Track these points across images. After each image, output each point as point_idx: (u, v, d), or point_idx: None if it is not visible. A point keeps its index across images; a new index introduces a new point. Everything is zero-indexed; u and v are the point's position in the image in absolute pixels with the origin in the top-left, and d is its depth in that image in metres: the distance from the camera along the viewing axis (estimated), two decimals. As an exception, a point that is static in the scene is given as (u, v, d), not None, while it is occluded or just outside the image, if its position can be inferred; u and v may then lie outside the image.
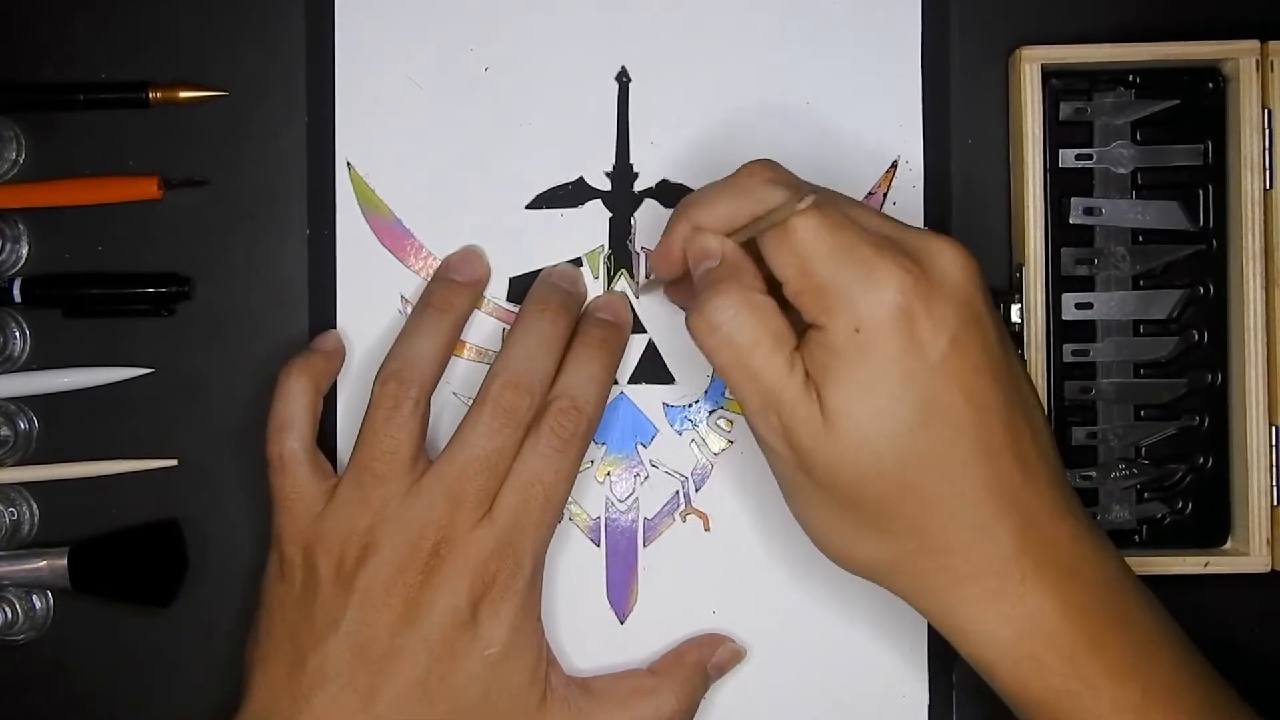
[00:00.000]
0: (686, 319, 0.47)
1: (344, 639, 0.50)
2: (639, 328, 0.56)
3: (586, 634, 0.56)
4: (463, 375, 0.56)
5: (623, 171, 0.56)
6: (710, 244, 0.48)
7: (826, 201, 0.46)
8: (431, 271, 0.56)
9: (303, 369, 0.54)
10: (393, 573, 0.50)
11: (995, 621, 0.45)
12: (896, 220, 0.47)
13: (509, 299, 0.56)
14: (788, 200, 0.45)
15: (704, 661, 0.55)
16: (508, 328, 0.56)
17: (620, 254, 0.56)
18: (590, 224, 0.56)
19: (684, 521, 0.56)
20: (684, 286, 0.52)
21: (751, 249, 0.47)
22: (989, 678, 0.47)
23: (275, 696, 0.50)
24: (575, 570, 0.56)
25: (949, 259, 0.45)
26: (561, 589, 0.56)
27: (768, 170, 0.48)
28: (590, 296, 0.56)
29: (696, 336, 0.46)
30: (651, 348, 0.56)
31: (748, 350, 0.45)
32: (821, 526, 0.47)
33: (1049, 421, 0.48)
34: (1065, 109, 0.54)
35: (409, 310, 0.55)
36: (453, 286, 0.55)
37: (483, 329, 0.56)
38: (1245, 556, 0.53)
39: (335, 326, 0.56)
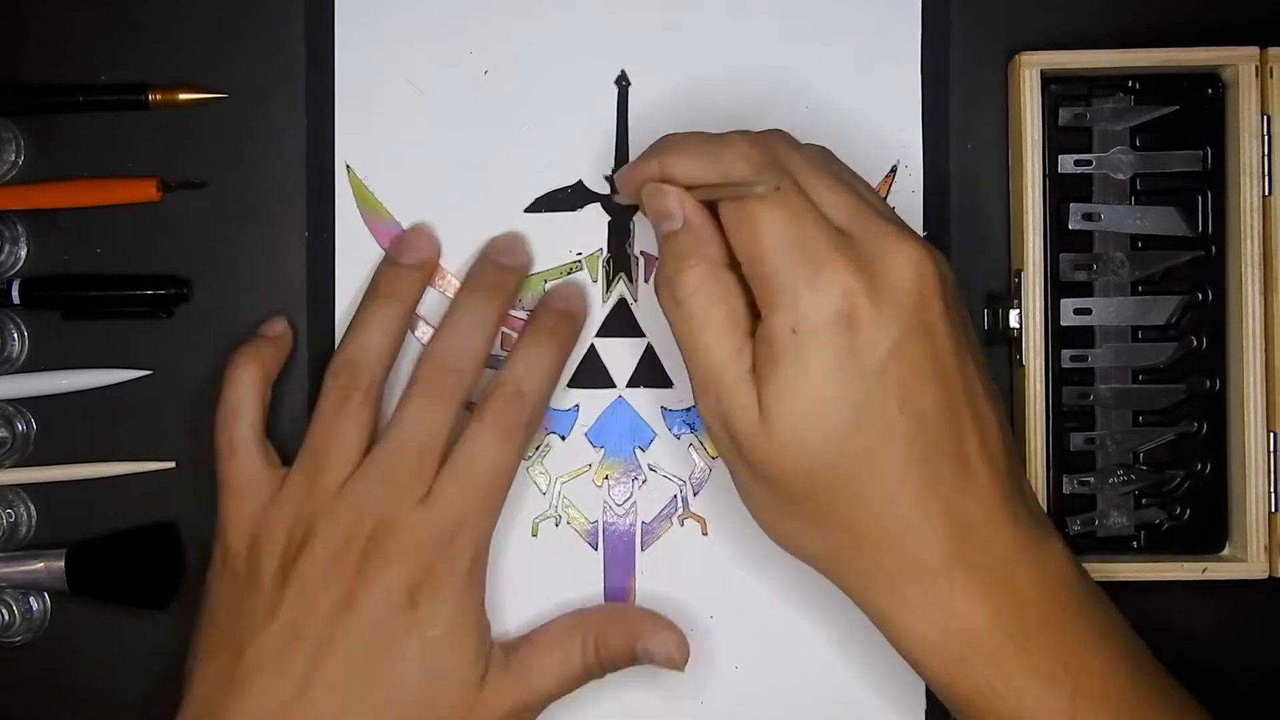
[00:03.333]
0: (654, 282, 0.48)
1: (280, 628, 0.50)
2: (636, 331, 0.56)
3: (584, 637, 0.56)
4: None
5: (622, 175, 0.56)
6: (671, 205, 0.48)
7: (792, 189, 0.46)
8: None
9: (251, 356, 0.54)
10: (329, 560, 0.50)
11: (922, 621, 0.46)
12: (874, 207, 0.47)
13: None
14: (749, 180, 0.45)
15: (633, 640, 0.53)
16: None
17: (619, 258, 0.56)
18: (589, 227, 0.56)
19: (682, 525, 0.56)
20: None
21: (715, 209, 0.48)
22: (918, 671, 0.47)
23: (212, 687, 0.50)
24: (573, 574, 0.56)
25: (904, 261, 0.45)
26: (559, 592, 0.56)
27: (747, 145, 0.47)
28: (589, 295, 0.56)
29: (662, 304, 0.48)
30: (650, 352, 0.56)
31: (700, 327, 0.46)
32: (763, 512, 0.48)
33: (1008, 424, 0.48)
34: (1064, 114, 0.54)
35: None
36: (400, 273, 0.54)
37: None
38: (1243, 563, 0.53)
39: (334, 330, 0.56)
